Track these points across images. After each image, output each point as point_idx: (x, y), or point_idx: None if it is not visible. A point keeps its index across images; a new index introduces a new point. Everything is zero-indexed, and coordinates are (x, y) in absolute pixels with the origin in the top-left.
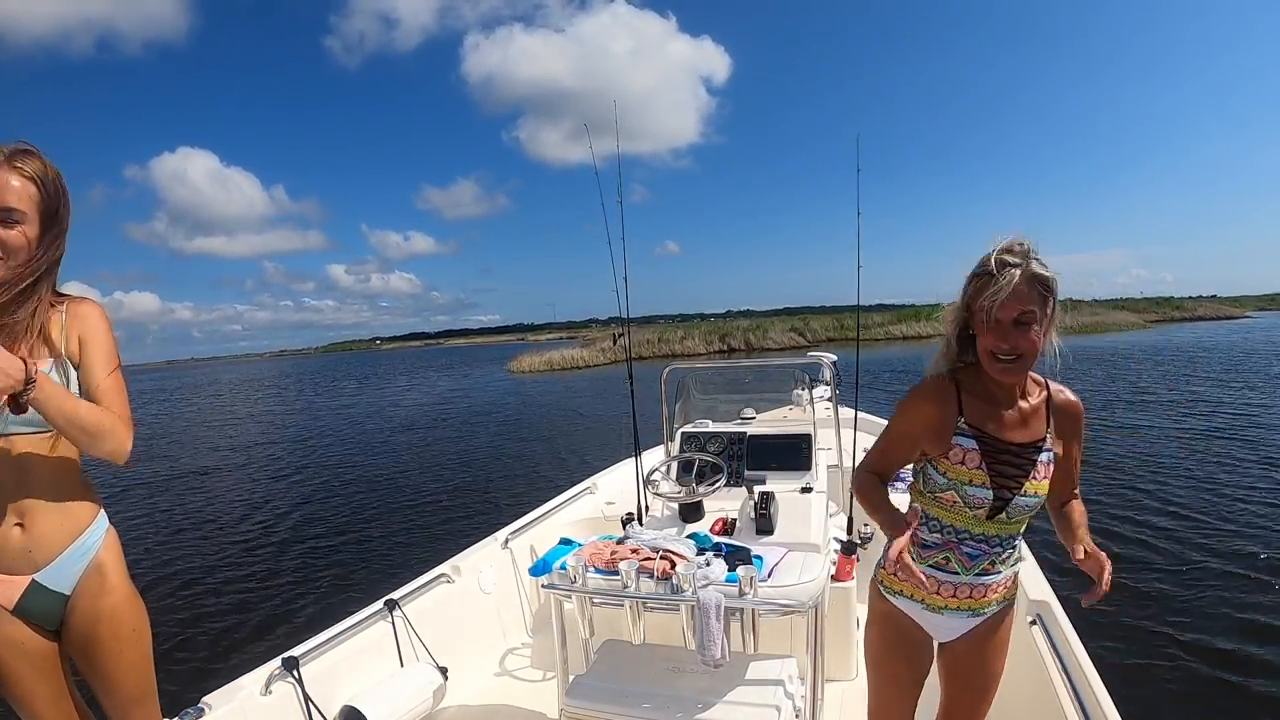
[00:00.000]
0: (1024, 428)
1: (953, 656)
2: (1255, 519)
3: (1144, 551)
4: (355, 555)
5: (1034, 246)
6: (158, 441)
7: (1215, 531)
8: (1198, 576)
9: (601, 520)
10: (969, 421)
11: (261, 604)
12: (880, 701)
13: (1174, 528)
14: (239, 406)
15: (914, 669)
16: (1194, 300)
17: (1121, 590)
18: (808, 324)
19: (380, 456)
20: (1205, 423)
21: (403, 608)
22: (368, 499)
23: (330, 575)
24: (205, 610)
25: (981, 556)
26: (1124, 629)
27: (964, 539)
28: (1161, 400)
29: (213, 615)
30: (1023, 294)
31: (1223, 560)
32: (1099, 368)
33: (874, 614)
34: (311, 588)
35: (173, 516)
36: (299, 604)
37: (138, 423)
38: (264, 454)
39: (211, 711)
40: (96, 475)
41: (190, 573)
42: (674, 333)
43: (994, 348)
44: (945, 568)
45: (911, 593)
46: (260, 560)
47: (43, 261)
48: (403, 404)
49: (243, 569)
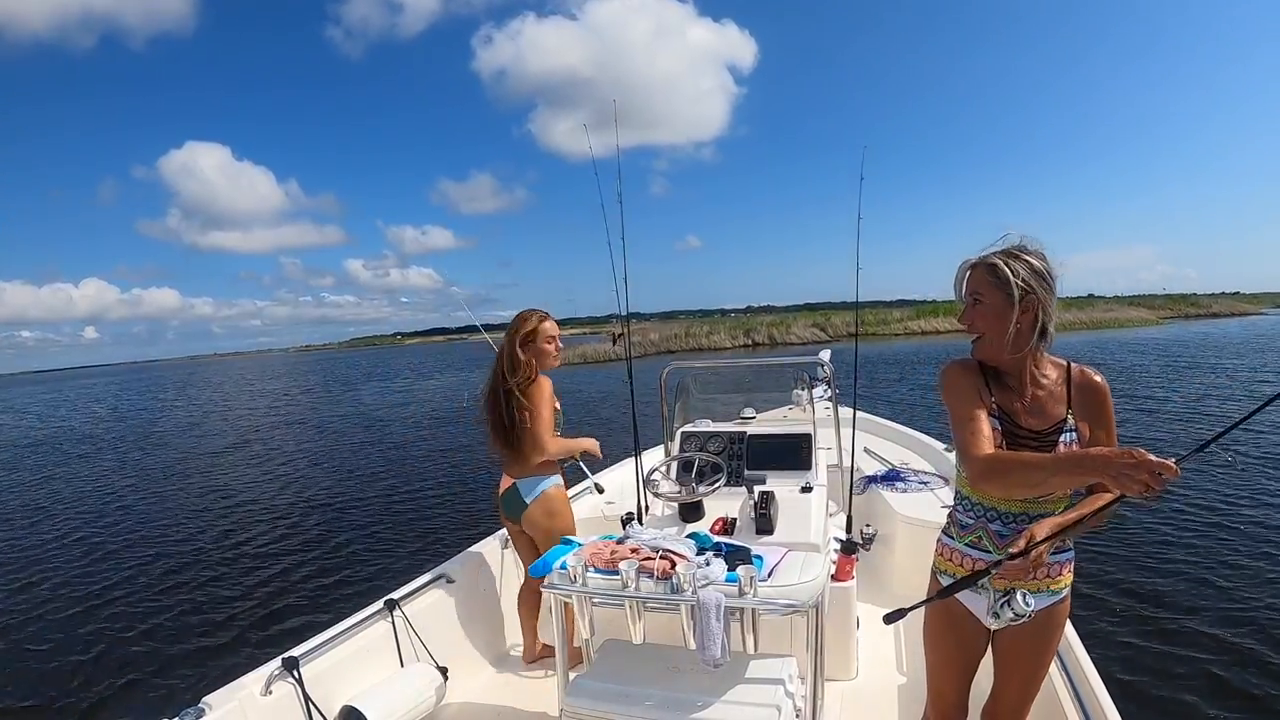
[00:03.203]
0: (1042, 413)
1: (1000, 640)
2: (1257, 517)
3: (1144, 549)
4: (355, 555)
5: (1029, 243)
6: (167, 438)
7: (1215, 531)
8: (1198, 575)
9: (601, 520)
10: (998, 403)
11: (262, 604)
12: (936, 682)
13: (1174, 526)
14: (250, 403)
15: (966, 652)
16: (1210, 297)
17: (1122, 590)
18: (829, 319)
19: (381, 456)
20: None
21: (403, 608)
22: (368, 499)
23: (330, 575)
24: (206, 610)
25: (1011, 536)
26: (1124, 629)
27: (992, 518)
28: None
29: (213, 615)
30: (976, 278)
31: (1221, 559)
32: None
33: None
34: (311, 588)
35: (172, 517)
36: (299, 604)
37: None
38: (264, 453)
39: (211, 711)
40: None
41: (190, 572)
42: (700, 327)
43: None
44: (979, 546)
45: (955, 571)
46: (260, 560)
47: None
48: (411, 400)
49: (243, 569)
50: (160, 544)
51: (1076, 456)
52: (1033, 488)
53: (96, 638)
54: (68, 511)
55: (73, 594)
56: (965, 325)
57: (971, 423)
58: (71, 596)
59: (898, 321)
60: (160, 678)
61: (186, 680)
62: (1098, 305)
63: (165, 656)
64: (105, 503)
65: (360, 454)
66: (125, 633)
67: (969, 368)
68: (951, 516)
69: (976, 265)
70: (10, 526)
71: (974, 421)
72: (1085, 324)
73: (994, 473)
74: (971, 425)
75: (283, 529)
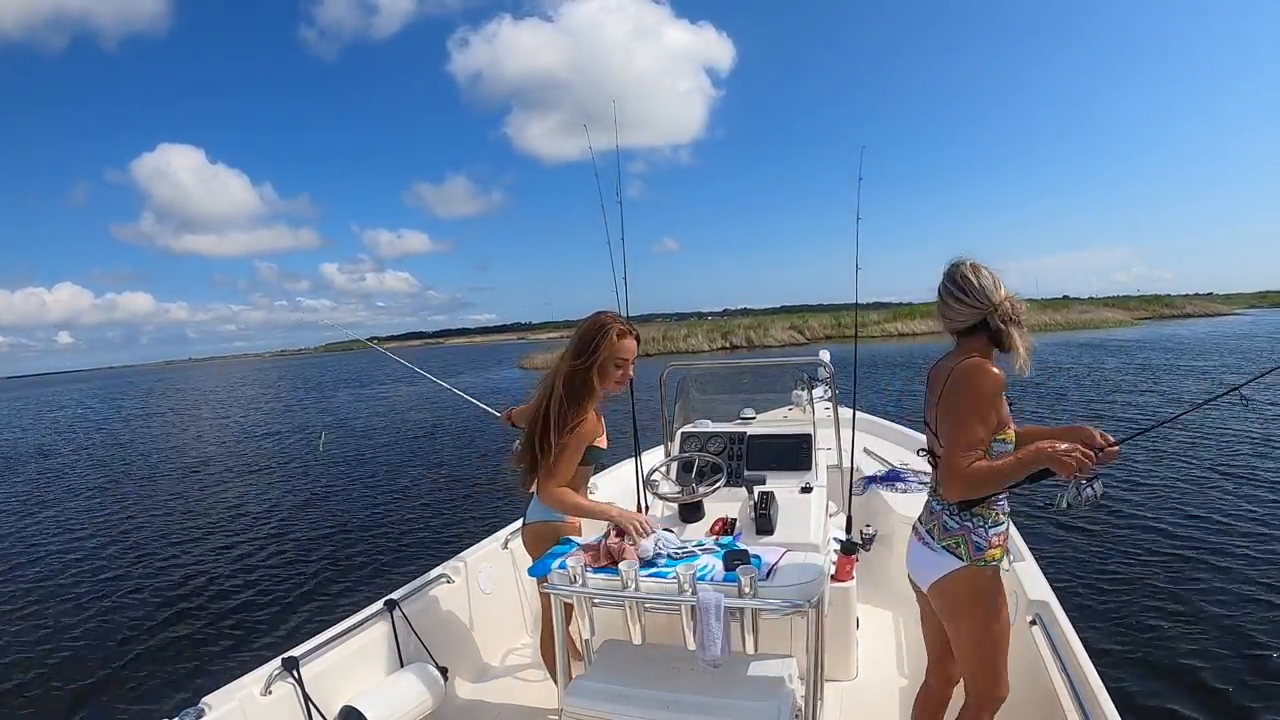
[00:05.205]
0: None
1: None
2: (1257, 516)
3: (1144, 550)
4: (355, 555)
5: (973, 262)
6: (157, 441)
7: (1213, 528)
8: (1197, 574)
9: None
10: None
11: (261, 604)
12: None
13: (1173, 525)
14: (240, 406)
15: None
16: (1185, 298)
17: (1121, 589)
18: (806, 322)
19: (382, 456)
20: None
21: (403, 608)
22: (368, 498)
23: (330, 575)
24: (206, 610)
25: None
26: (1124, 629)
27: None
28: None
29: (213, 615)
30: None
31: (1222, 558)
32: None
33: (999, 586)
34: (311, 588)
35: (172, 517)
36: (299, 604)
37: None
38: (261, 454)
39: (211, 711)
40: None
41: (191, 573)
42: (678, 330)
43: None
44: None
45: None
46: (261, 560)
47: None
48: (402, 403)
49: (243, 569)
50: (160, 545)
51: (1035, 456)
52: None
53: (97, 639)
54: (68, 513)
55: (73, 595)
56: None
57: (980, 445)
58: (72, 598)
59: (875, 324)
60: (160, 678)
61: (186, 680)
62: (1073, 306)
63: (165, 656)
64: (104, 507)
65: (360, 455)
66: (125, 633)
67: (1001, 383)
68: (991, 505)
69: None
70: (10, 526)
71: (982, 445)
72: (1061, 325)
73: (974, 489)
74: (978, 446)
75: (283, 529)
